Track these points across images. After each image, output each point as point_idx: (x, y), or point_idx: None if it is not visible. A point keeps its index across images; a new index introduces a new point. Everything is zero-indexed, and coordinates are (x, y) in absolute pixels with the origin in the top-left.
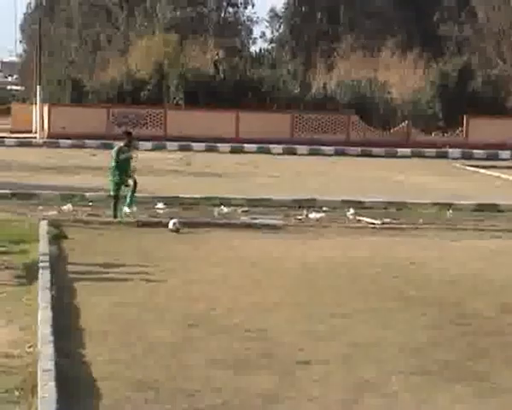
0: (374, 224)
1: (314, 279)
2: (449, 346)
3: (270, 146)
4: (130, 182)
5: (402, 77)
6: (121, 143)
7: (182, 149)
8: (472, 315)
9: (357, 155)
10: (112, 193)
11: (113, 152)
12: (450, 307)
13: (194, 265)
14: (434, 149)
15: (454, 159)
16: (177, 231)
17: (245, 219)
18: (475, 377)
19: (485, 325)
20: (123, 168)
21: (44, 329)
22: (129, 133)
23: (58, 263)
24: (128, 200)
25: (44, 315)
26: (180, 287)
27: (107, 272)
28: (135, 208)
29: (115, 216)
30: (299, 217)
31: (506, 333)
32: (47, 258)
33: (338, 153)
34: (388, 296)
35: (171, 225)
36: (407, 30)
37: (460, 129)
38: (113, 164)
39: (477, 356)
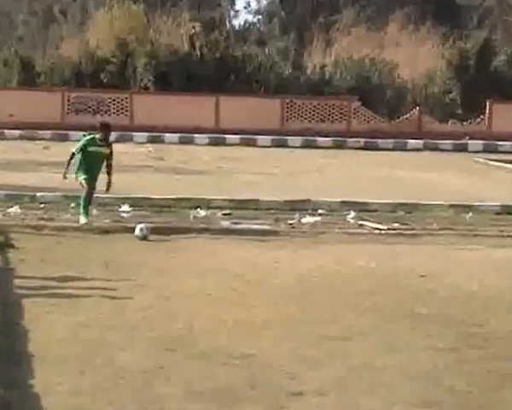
0: (379, 229)
1: (307, 294)
2: (462, 372)
3: (257, 137)
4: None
5: (413, 56)
6: (97, 135)
7: (152, 141)
8: (489, 337)
9: (360, 148)
10: (84, 187)
11: (83, 139)
12: (464, 326)
13: (168, 278)
14: (451, 141)
15: (475, 152)
16: (144, 238)
17: (226, 223)
18: (492, 409)
19: (504, 349)
20: (91, 165)
21: None
22: (105, 125)
23: (3, 276)
24: (83, 208)
25: None
26: (152, 303)
27: (66, 287)
28: (94, 211)
29: (84, 215)
30: (291, 222)
31: None
32: None
33: (337, 145)
34: (393, 314)
35: (137, 232)
36: (419, 0)
37: (481, 117)
38: (75, 151)
39: (495, 384)
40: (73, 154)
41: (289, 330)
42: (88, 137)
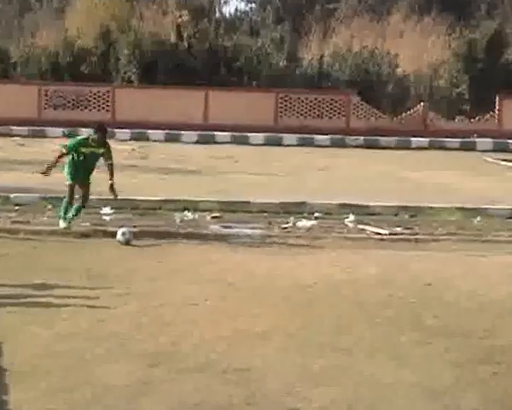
0: (381, 234)
1: (309, 303)
2: (477, 389)
3: (249, 135)
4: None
5: (417, 47)
6: (91, 136)
7: (135, 138)
8: (505, 350)
9: (360, 147)
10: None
11: (76, 138)
12: (478, 339)
13: (157, 285)
14: (458, 139)
15: (484, 151)
16: (127, 243)
17: (216, 227)
18: None
19: None
20: (80, 167)
21: None
22: (101, 127)
23: None
24: (63, 212)
25: None
26: (139, 313)
27: (43, 296)
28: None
29: (64, 219)
30: (285, 225)
31: None
32: None
33: (335, 143)
34: (402, 326)
35: (119, 236)
36: None
37: (491, 113)
38: (64, 150)
39: (510, 404)
40: (63, 153)
41: (291, 343)
42: (81, 138)
